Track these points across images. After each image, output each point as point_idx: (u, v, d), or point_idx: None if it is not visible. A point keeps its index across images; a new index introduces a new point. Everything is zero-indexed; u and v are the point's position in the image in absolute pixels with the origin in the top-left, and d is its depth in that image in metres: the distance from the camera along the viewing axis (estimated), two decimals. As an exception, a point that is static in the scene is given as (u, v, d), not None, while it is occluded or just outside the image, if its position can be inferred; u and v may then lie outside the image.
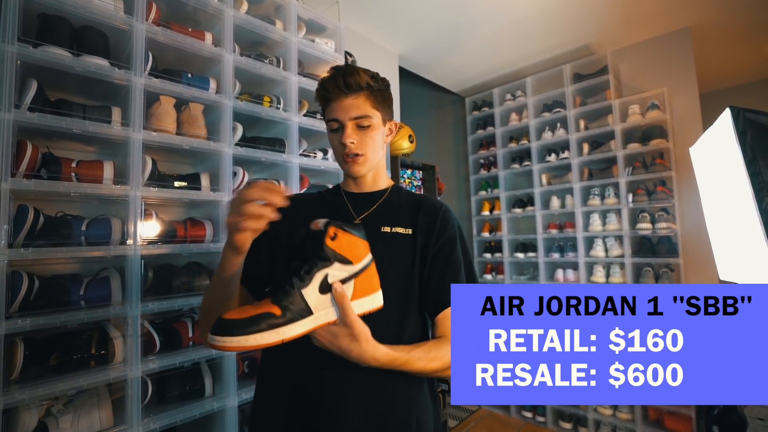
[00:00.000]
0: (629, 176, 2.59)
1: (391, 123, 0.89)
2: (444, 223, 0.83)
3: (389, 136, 0.89)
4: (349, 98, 0.80)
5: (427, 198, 0.89)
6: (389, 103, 0.86)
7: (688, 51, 2.63)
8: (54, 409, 1.08)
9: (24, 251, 1.02)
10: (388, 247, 0.80)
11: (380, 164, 0.89)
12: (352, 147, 0.81)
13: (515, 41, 2.82)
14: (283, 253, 0.81)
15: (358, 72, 0.80)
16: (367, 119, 0.81)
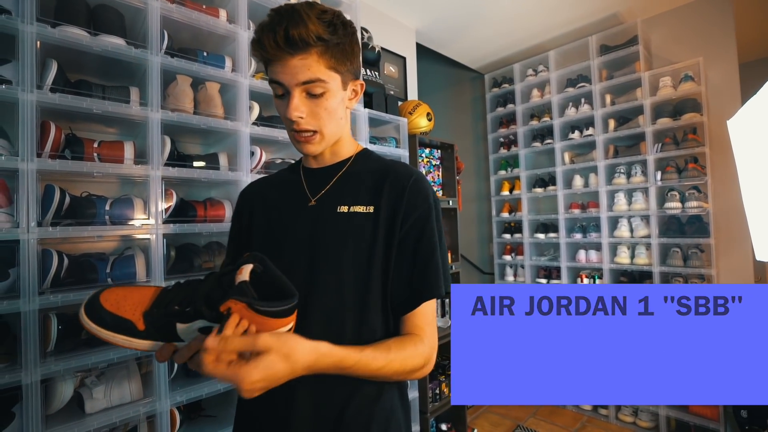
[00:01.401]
0: (658, 153, 2.47)
1: (356, 83, 0.71)
2: (413, 196, 0.67)
3: (353, 99, 0.72)
4: (294, 58, 0.60)
5: (397, 165, 0.73)
6: (352, 57, 0.67)
7: (728, 16, 2.45)
8: (88, 381, 1.13)
9: (52, 230, 1.05)
10: (343, 231, 0.68)
11: (343, 135, 0.74)
12: (301, 122, 0.65)
13: (538, 13, 2.68)
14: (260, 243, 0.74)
15: (304, 19, 0.59)
16: (320, 84, 0.63)
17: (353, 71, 0.69)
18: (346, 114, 0.72)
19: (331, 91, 0.65)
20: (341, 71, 0.66)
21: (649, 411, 2.47)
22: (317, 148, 0.69)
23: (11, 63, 1.05)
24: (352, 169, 0.74)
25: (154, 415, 1.17)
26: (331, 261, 0.67)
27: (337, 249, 0.67)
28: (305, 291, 0.64)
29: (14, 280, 1.02)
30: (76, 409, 1.10)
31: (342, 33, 0.63)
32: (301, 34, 0.59)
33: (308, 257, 0.68)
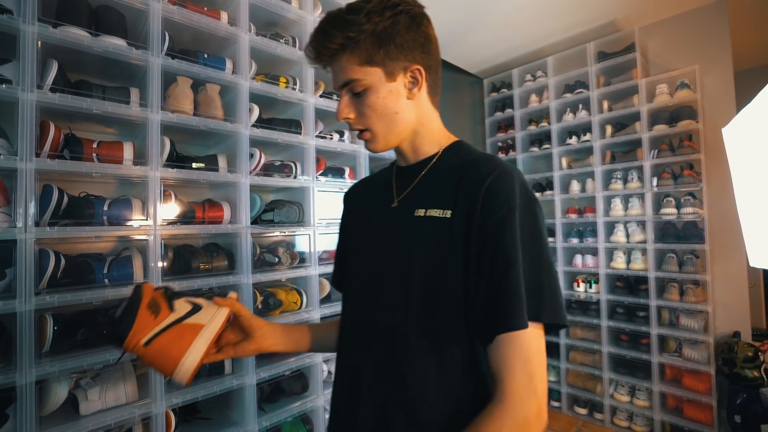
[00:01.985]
0: (654, 159, 2.49)
1: (412, 68, 0.61)
2: (490, 199, 0.55)
3: (417, 87, 0.62)
4: (333, 64, 0.62)
5: (480, 160, 0.61)
6: (398, 43, 0.59)
7: (724, 26, 2.48)
8: (83, 382, 1.12)
9: (50, 230, 1.04)
10: (415, 239, 0.60)
11: (417, 129, 0.65)
12: (350, 122, 0.64)
13: (537, 19, 2.70)
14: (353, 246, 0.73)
15: (326, 31, 0.58)
16: (355, 83, 0.60)
17: (401, 57, 0.60)
18: (411, 106, 0.63)
19: (372, 87, 0.60)
20: (379, 62, 0.59)
21: (644, 416, 2.48)
22: (377, 145, 0.64)
23: (12, 62, 1.05)
24: (436, 167, 0.65)
25: (150, 417, 1.17)
26: (398, 273, 0.61)
27: (406, 258, 0.60)
28: (370, 306, 0.64)
29: (11, 280, 1.01)
30: (71, 410, 1.10)
31: (377, 18, 0.57)
32: (325, 47, 0.59)
33: (379, 266, 0.64)
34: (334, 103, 1.77)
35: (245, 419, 1.37)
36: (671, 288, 2.44)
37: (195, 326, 0.60)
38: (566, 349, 2.83)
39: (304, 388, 1.59)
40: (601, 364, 2.64)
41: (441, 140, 0.68)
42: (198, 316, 0.63)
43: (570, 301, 2.86)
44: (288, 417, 1.49)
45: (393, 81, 0.61)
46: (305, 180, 1.64)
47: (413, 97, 0.63)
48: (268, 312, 1.52)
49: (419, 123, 0.65)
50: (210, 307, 0.67)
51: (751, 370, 2.09)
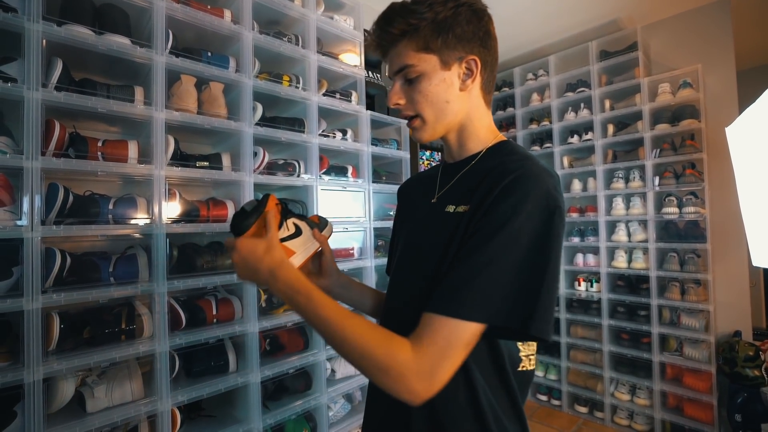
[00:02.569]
0: (656, 158, 2.49)
1: (467, 59, 0.62)
2: (504, 193, 0.55)
3: (469, 79, 0.63)
4: (389, 53, 0.64)
5: (511, 161, 0.60)
6: (456, 33, 0.60)
7: (726, 24, 2.47)
8: (89, 380, 1.13)
9: (56, 228, 1.05)
10: (437, 231, 0.62)
11: (465, 123, 0.66)
12: (401, 108, 0.65)
13: (538, 18, 2.70)
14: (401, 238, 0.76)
15: (389, 17, 0.61)
16: (410, 69, 0.61)
17: (459, 46, 0.61)
18: (463, 98, 0.64)
19: (425, 74, 0.61)
20: (436, 49, 0.60)
21: (645, 414, 2.49)
22: (424, 134, 0.65)
23: (17, 61, 1.05)
24: (476, 166, 0.65)
25: (155, 415, 1.18)
26: (417, 263, 0.65)
27: (426, 250, 0.63)
28: (395, 293, 0.70)
29: (17, 279, 1.02)
30: (77, 408, 1.10)
31: (440, 8, 0.59)
32: (387, 32, 0.61)
33: (408, 257, 0.68)
34: (337, 102, 1.77)
35: (249, 417, 1.38)
36: (672, 287, 2.45)
37: (289, 251, 0.69)
38: (567, 347, 2.84)
39: (307, 386, 1.59)
40: (602, 363, 2.64)
41: (487, 139, 0.68)
42: (294, 243, 0.72)
43: (571, 300, 2.87)
44: (292, 415, 1.50)
45: (447, 70, 0.62)
46: (308, 178, 1.64)
47: (466, 89, 0.64)
48: (271, 310, 1.52)
49: (468, 117, 0.66)
50: (307, 237, 0.75)
51: (751, 369, 2.10)
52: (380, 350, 0.52)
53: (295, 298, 0.59)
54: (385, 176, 2.05)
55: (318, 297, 0.57)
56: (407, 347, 0.52)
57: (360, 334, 0.53)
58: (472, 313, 0.51)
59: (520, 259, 0.52)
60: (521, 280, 0.52)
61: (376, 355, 0.52)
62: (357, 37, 1.91)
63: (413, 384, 0.50)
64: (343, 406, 1.75)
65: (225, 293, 1.46)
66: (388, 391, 0.52)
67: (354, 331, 0.53)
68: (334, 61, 1.79)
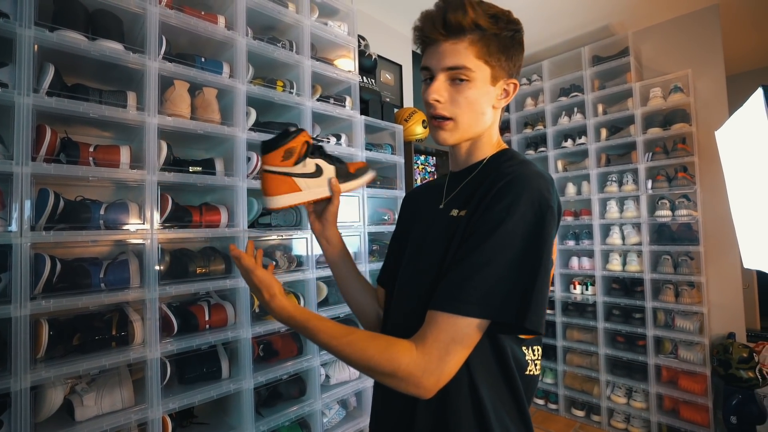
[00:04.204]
0: (649, 162, 2.52)
1: (509, 83, 0.66)
2: (498, 196, 0.57)
3: (503, 100, 0.67)
4: (447, 42, 0.62)
5: (506, 166, 0.63)
6: (509, 56, 0.64)
7: (716, 30, 2.51)
8: (78, 387, 1.11)
9: (46, 234, 1.04)
10: (439, 235, 0.65)
11: (482, 134, 0.69)
12: (438, 106, 0.64)
13: (531, 23, 2.73)
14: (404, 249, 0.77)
15: (465, 6, 0.60)
16: (465, 72, 0.61)
17: (508, 69, 0.65)
18: (492, 114, 0.67)
19: (475, 81, 0.62)
20: (492, 64, 0.63)
21: (641, 417, 2.49)
22: (449, 136, 0.66)
23: (8, 66, 1.04)
24: (480, 173, 0.68)
25: (146, 423, 1.16)
26: (419, 264, 0.68)
27: (427, 252, 0.66)
28: (400, 294, 0.71)
29: (6, 285, 1.01)
30: (66, 416, 1.09)
31: (504, 26, 0.62)
32: (457, 18, 0.60)
33: (412, 259, 0.70)
34: (331, 107, 1.78)
35: (242, 424, 1.37)
36: (666, 290, 2.46)
37: (294, 187, 0.75)
38: (563, 351, 2.84)
39: (301, 392, 1.58)
40: (598, 366, 2.64)
41: (492, 148, 0.71)
42: (306, 181, 0.77)
43: (567, 303, 2.87)
44: (285, 421, 1.49)
45: (493, 86, 0.65)
46: (302, 183, 1.64)
47: (497, 107, 0.68)
48: (265, 316, 1.51)
49: (486, 131, 0.69)
50: (322, 181, 0.79)
51: (746, 371, 2.11)
52: (383, 359, 0.55)
53: (293, 325, 0.64)
54: (380, 181, 2.06)
55: (314, 323, 0.61)
56: (410, 348, 0.55)
57: (361, 349, 0.57)
58: (471, 309, 0.54)
59: (514, 258, 0.55)
60: (516, 278, 0.55)
61: (380, 364, 0.55)
62: (351, 43, 1.92)
63: (421, 381, 0.54)
64: (337, 412, 1.73)
65: (218, 299, 1.45)
66: (400, 391, 0.56)
67: (355, 347, 0.57)
68: (328, 66, 1.80)
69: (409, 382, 0.54)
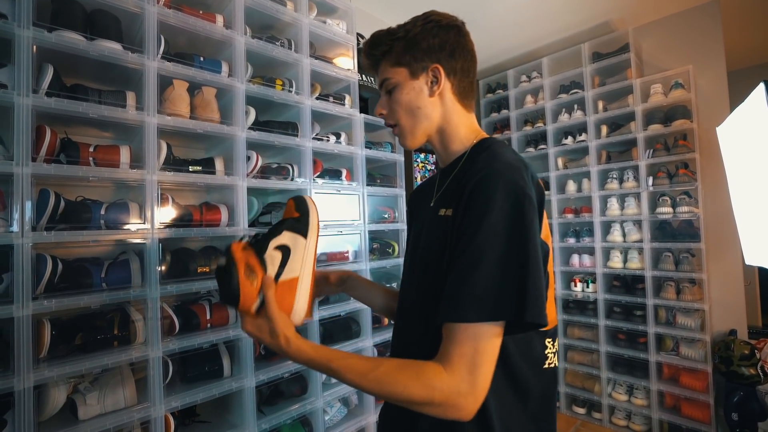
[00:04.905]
0: (650, 159, 2.51)
1: (432, 68, 0.68)
2: (474, 194, 0.58)
3: (436, 86, 0.68)
4: (375, 69, 0.74)
5: (481, 160, 0.64)
6: (418, 47, 0.67)
7: (717, 26, 2.50)
8: (81, 387, 1.12)
9: (47, 234, 1.04)
10: (430, 235, 0.67)
11: (443, 126, 0.71)
12: (384, 118, 0.74)
13: (531, 20, 2.72)
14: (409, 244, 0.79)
15: (371, 43, 0.71)
16: (388, 81, 0.70)
17: (423, 58, 0.68)
18: (434, 104, 0.69)
19: (399, 85, 0.69)
20: (405, 62, 0.68)
21: (642, 414, 2.49)
22: (405, 140, 0.72)
23: (7, 67, 1.05)
24: (463, 168, 0.68)
25: (149, 421, 1.17)
26: (415, 265, 0.70)
27: (421, 253, 0.68)
28: (403, 292, 0.74)
29: (7, 285, 1.01)
30: (69, 415, 1.09)
31: (410, 27, 0.68)
32: (372, 56, 0.72)
33: (410, 259, 0.73)
34: (330, 105, 1.78)
35: (244, 422, 1.37)
36: (668, 287, 2.46)
37: (291, 282, 0.64)
38: (564, 348, 2.84)
39: (303, 390, 1.58)
40: (599, 364, 2.65)
41: (468, 139, 0.72)
42: (290, 267, 0.65)
43: (567, 301, 2.87)
44: (287, 419, 1.49)
45: (416, 79, 0.69)
46: (302, 182, 1.64)
47: (434, 95, 0.69)
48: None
49: (445, 121, 0.71)
50: (297, 248, 0.67)
51: (747, 368, 2.11)
52: (415, 390, 0.52)
53: (314, 367, 0.59)
54: (380, 179, 2.06)
55: (337, 364, 0.57)
56: (439, 371, 0.53)
57: (391, 383, 0.54)
58: (470, 315, 0.53)
59: (501, 254, 0.54)
60: (507, 273, 0.54)
61: (413, 395, 0.53)
62: (350, 41, 1.92)
63: (458, 403, 0.52)
64: (339, 410, 1.74)
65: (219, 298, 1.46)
66: (440, 417, 0.54)
67: (383, 383, 0.54)
68: (327, 64, 1.80)
69: (447, 407, 0.52)
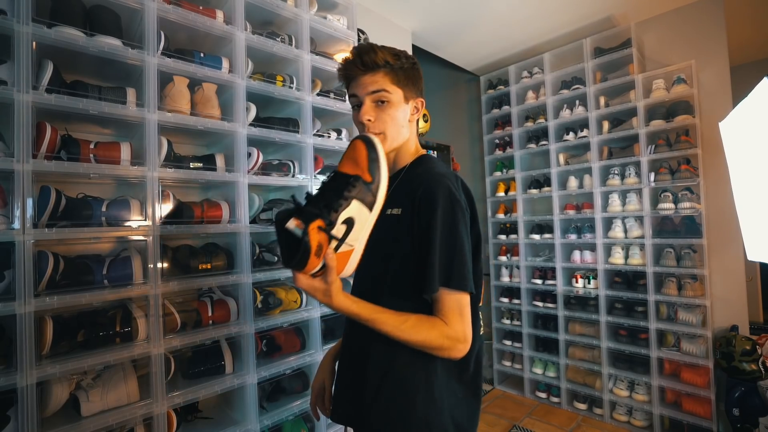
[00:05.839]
0: (652, 154, 2.50)
1: (417, 101, 0.88)
2: (422, 203, 0.77)
3: (414, 115, 0.88)
4: (366, 75, 0.82)
5: (424, 174, 0.82)
6: (414, 82, 0.86)
7: (720, 20, 2.48)
8: (84, 383, 1.12)
9: (48, 231, 1.04)
10: (382, 231, 0.78)
11: (404, 145, 0.89)
12: (370, 125, 0.82)
13: (533, 16, 2.70)
14: None
15: (375, 50, 0.81)
16: (385, 94, 0.82)
17: (415, 91, 0.87)
18: (408, 126, 0.88)
19: (393, 102, 0.83)
20: (402, 87, 0.84)
21: (644, 410, 2.49)
22: (385, 146, 0.82)
23: (6, 63, 1.04)
24: (404, 177, 0.87)
25: (151, 417, 1.17)
26: (373, 254, 0.79)
27: (378, 245, 0.79)
28: (362, 277, 0.88)
29: (9, 282, 1.01)
30: (72, 411, 1.10)
31: (405, 62, 0.84)
32: (371, 57, 0.81)
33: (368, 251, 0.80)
34: (331, 101, 1.77)
35: (246, 418, 1.38)
36: (669, 283, 2.45)
37: (348, 253, 0.74)
38: (565, 344, 2.84)
39: (305, 386, 1.59)
40: (600, 360, 2.65)
41: (412, 155, 0.91)
42: (351, 238, 0.73)
43: (569, 297, 2.87)
44: (289, 416, 1.50)
45: (405, 104, 0.85)
46: (303, 179, 1.64)
47: (412, 121, 0.89)
48: (268, 311, 1.52)
49: (406, 141, 0.89)
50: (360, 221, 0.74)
51: (749, 364, 2.11)
52: (433, 338, 0.73)
53: (355, 318, 0.73)
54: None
55: (375, 317, 0.73)
56: (443, 326, 0.74)
57: (416, 333, 0.73)
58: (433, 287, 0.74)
59: (443, 241, 0.75)
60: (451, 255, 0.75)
61: (432, 342, 0.73)
62: (351, 37, 1.91)
63: (459, 346, 0.74)
64: (341, 406, 1.74)
65: (221, 294, 1.46)
66: (444, 356, 0.75)
67: (411, 333, 0.73)
68: (327, 60, 1.79)
69: (452, 349, 0.73)
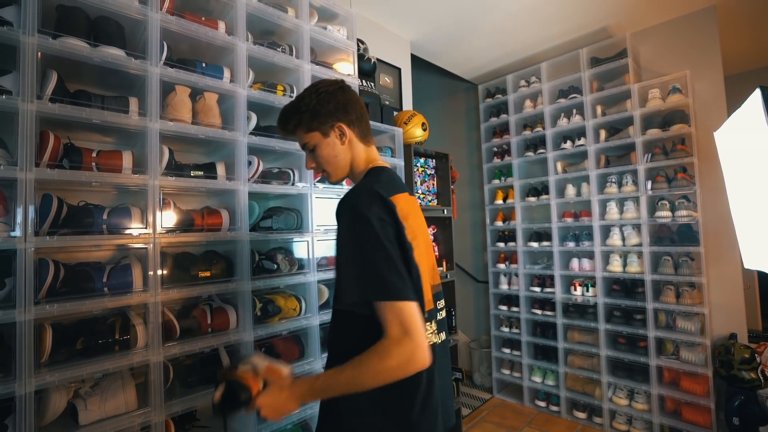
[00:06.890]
0: (648, 163, 2.52)
1: (335, 126, 0.91)
2: (337, 220, 0.83)
3: (344, 137, 0.92)
4: (291, 136, 0.96)
5: (352, 189, 0.87)
6: (322, 114, 0.90)
7: (713, 31, 2.53)
8: (82, 391, 1.12)
9: (50, 239, 1.05)
10: None
11: (354, 164, 0.96)
12: (314, 171, 0.98)
13: (530, 25, 2.75)
14: None
15: (285, 117, 0.93)
16: (308, 144, 0.93)
17: (326, 121, 0.90)
18: (345, 151, 0.94)
19: (317, 145, 0.92)
20: (314, 128, 0.91)
21: (643, 419, 2.48)
22: (331, 180, 0.97)
23: (11, 73, 1.06)
24: None
25: (149, 426, 1.16)
26: None
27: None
28: None
29: (10, 290, 1.01)
30: (70, 420, 1.09)
31: (309, 102, 0.89)
32: (284, 126, 0.94)
33: None
34: (331, 111, 1.79)
35: (244, 427, 1.37)
36: (667, 290, 2.46)
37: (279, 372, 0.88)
38: (564, 352, 2.84)
39: (303, 395, 1.58)
40: (600, 368, 2.64)
41: (362, 171, 0.96)
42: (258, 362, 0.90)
43: (567, 305, 2.87)
44: (287, 424, 1.49)
45: (327, 137, 0.92)
46: (303, 187, 1.65)
47: (345, 143, 0.93)
48: (267, 319, 1.52)
49: (354, 160, 0.96)
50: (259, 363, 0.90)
51: (748, 372, 2.11)
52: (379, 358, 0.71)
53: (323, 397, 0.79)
54: (380, 183, 2.06)
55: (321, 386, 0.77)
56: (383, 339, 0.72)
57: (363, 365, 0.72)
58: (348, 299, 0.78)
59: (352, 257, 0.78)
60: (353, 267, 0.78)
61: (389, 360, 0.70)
62: (350, 47, 1.94)
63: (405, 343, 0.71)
64: (339, 414, 1.73)
65: (220, 302, 1.46)
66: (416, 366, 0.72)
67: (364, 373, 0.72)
68: (327, 70, 1.81)
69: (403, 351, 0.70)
